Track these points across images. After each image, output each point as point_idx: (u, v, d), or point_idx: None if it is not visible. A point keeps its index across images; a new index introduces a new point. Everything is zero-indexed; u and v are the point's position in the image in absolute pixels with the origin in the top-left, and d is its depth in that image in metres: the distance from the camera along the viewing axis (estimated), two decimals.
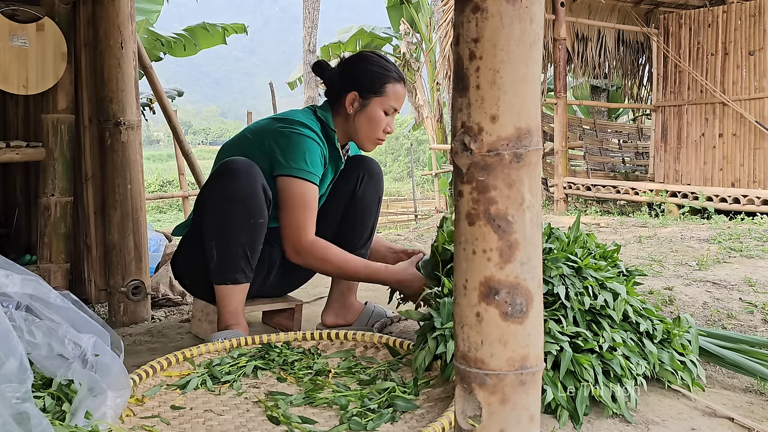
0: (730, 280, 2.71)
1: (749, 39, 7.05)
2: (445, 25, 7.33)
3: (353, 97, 2.03)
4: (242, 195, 1.85)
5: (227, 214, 1.86)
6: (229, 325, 1.92)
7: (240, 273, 1.91)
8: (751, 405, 1.54)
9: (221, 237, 1.88)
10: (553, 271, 1.58)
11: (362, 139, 2.07)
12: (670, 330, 1.62)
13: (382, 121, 2.04)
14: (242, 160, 1.90)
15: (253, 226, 1.89)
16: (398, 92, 2.06)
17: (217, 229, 1.89)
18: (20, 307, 1.29)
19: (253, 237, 1.90)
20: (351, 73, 2.06)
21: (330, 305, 2.21)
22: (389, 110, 2.04)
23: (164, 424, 1.34)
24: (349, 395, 1.45)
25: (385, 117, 2.04)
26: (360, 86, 2.03)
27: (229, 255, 1.89)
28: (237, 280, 1.91)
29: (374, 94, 2.02)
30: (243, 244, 1.89)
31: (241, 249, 1.89)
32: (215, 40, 9.63)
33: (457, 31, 0.81)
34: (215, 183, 1.90)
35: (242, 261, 1.91)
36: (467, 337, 0.83)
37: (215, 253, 1.90)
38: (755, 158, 7.05)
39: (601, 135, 8.81)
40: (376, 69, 2.04)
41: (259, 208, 1.88)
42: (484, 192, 0.80)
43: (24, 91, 2.46)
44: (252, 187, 1.86)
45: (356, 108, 2.03)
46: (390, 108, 2.04)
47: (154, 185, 21.19)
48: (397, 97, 2.05)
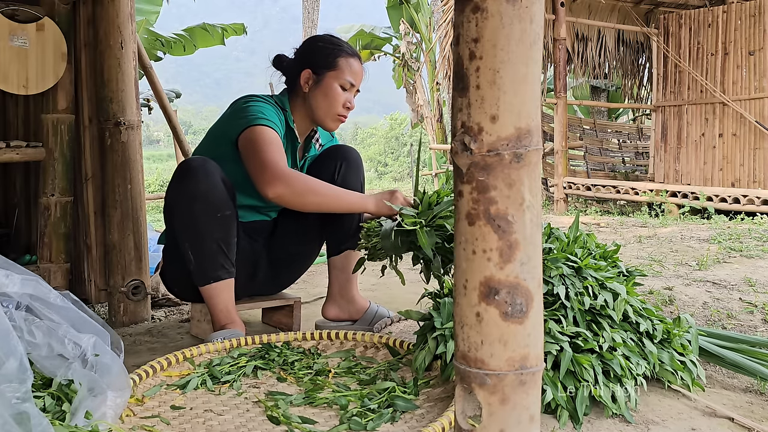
0: (730, 280, 2.71)
1: (749, 39, 7.05)
2: (445, 25, 7.33)
3: (307, 74, 2.03)
4: (202, 191, 1.85)
5: (193, 213, 1.86)
6: (224, 324, 1.92)
7: (221, 269, 1.90)
8: (751, 405, 1.54)
9: (193, 237, 1.88)
10: (553, 271, 1.58)
11: (322, 116, 2.04)
12: (670, 330, 1.62)
13: (338, 95, 2.01)
14: (196, 158, 1.91)
15: (221, 219, 1.88)
16: (353, 66, 2.03)
17: (186, 230, 1.89)
18: (20, 307, 1.29)
19: (224, 230, 1.89)
20: (303, 52, 2.08)
21: (331, 298, 2.19)
22: (345, 84, 2.01)
23: (164, 424, 1.34)
24: (349, 395, 1.45)
25: (342, 92, 2.02)
26: (312, 63, 2.03)
27: (204, 254, 1.88)
28: (219, 276, 1.90)
29: (327, 69, 2.01)
30: (216, 239, 1.88)
31: (215, 245, 1.88)
32: (214, 40, 9.63)
33: (457, 31, 0.81)
34: (175, 186, 1.90)
35: (220, 257, 1.90)
36: (467, 337, 0.83)
37: (191, 254, 1.90)
38: (755, 158, 7.05)
39: (601, 135, 8.81)
40: (327, 45, 2.05)
41: (222, 201, 1.87)
42: (484, 192, 0.80)
43: (24, 91, 2.46)
44: (210, 182, 1.86)
45: (311, 85, 2.03)
46: (346, 82, 2.01)
47: (154, 185, 21.17)
48: (353, 71, 2.03)
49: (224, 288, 1.92)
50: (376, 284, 3.05)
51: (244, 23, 10.03)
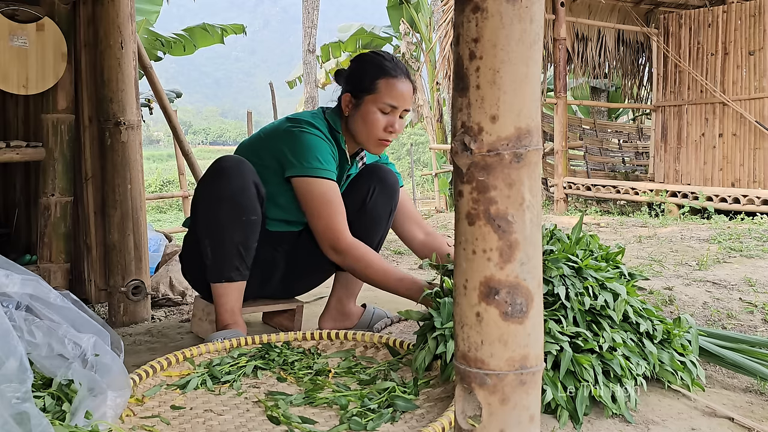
0: (730, 280, 2.71)
1: (749, 39, 7.05)
2: (445, 25, 7.33)
3: (347, 98, 2.00)
4: (232, 192, 1.85)
5: (218, 212, 1.86)
6: (227, 324, 1.92)
7: (235, 271, 1.91)
8: (751, 405, 1.54)
9: (214, 235, 1.89)
10: (553, 271, 1.58)
11: (363, 141, 2.01)
12: (670, 330, 1.62)
13: (377, 120, 1.94)
14: (232, 158, 1.90)
15: (245, 223, 1.88)
16: (394, 88, 1.94)
17: (209, 227, 1.90)
18: (20, 307, 1.29)
19: (246, 234, 1.90)
20: (347, 74, 2.04)
21: (328, 311, 2.18)
22: (385, 108, 1.94)
23: (164, 424, 1.34)
24: (349, 395, 1.45)
25: (383, 115, 1.95)
26: (352, 86, 1.99)
27: (223, 253, 1.89)
28: (232, 278, 1.91)
29: (365, 93, 1.96)
30: (236, 242, 1.89)
31: (234, 247, 1.89)
32: (214, 40, 9.64)
33: (457, 31, 0.81)
34: (206, 181, 1.91)
35: (236, 259, 1.90)
36: (467, 337, 0.83)
37: (209, 251, 1.91)
38: (755, 158, 7.05)
39: (601, 135, 8.81)
40: (369, 66, 1.98)
41: (250, 205, 1.88)
42: (484, 192, 0.80)
43: (24, 91, 2.46)
44: (242, 184, 1.86)
45: (351, 109, 1.99)
46: (385, 105, 1.93)
47: (154, 185, 21.16)
48: (393, 93, 1.94)
49: (235, 289, 1.93)
50: None
51: (243, 23, 10.04)
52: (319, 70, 14.53)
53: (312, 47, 13.60)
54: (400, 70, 1.97)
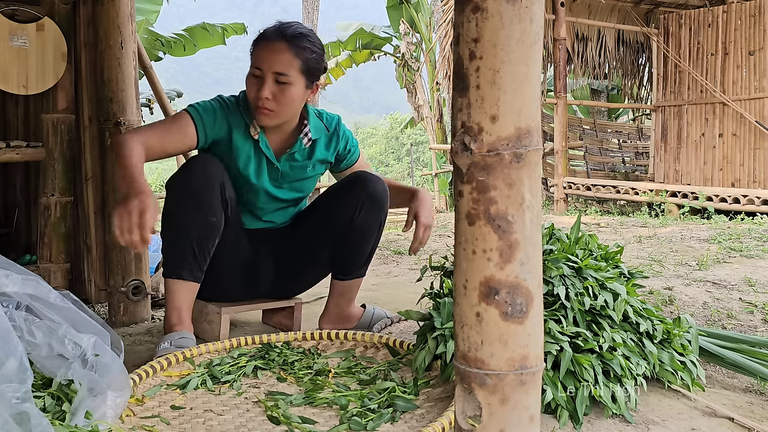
0: (730, 280, 2.71)
1: (749, 39, 7.05)
2: (445, 25, 7.33)
3: None
4: (194, 188, 1.80)
5: (177, 205, 1.81)
6: (173, 325, 1.86)
7: (185, 270, 1.84)
8: (751, 405, 1.54)
9: (170, 228, 1.83)
10: (553, 271, 1.58)
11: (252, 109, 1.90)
12: (670, 330, 1.62)
13: (249, 84, 1.86)
14: (204, 156, 1.88)
15: (202, 221, 1.81)
16: (259, 49, 1.85)
17: (167, 218, 1.84)
18: (20, 307, 1.29)
19: (202, 233, 1.82)
20: None
21: (327, 314, 2.15)
22: (254, 71, 1.84)
23: (164, 424, 1.34)
24: (349, 395, 1.45)
25: (252, 78, 1.84)
26: None
27: (176, 247, 1.83)
28: (182, 275, 1.84)
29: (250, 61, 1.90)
30: (191, 238, 1.81)
31: (189, 243, 1.81)
32: (215, 40, 9.63)
33: (457, 31, 0.81)
34: (174, 175, 1.89)
35: (189, 256, 1.83)
36: (467, 337, 0.83)
37: (165, 243, 1.86)
38: (755, 158, 7.05)
39: (601, 135, 8.81)
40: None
41: (210, 205, 1.81)
42: (484, 192, 0.80)
43: (24, 91, 2.46)
44: (205, 182, 1.81)
45: None
46: (253, 69, 1.84)
47: (154, 185, 21.17)
48: (256, 55, 1.85)
49: (183, 288, 1.86)
50: (377, 284, 3.05)
51: (244, 23, 10.03)
52: None
53: None
54: (275, 34, 1.85)
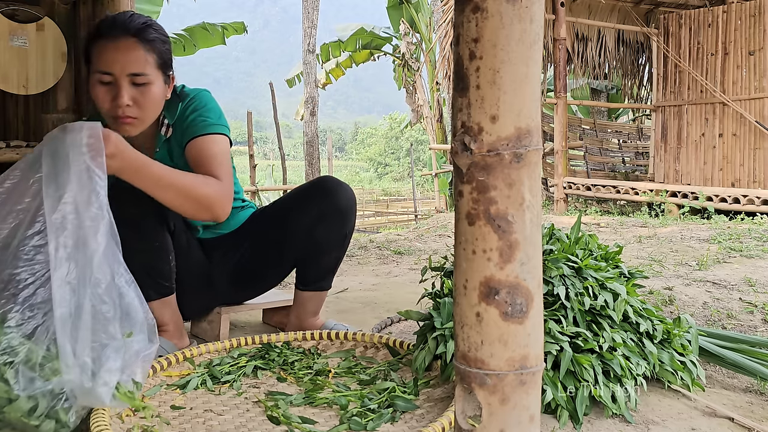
0: (730, 280, 2.71)
1: (749, 39, 7.05)
2: (445, 25, 7.33)
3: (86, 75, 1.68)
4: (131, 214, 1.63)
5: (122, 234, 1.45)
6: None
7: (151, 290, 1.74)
8: (751, 405, 1.54)
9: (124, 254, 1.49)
10: (553, 271, 1.58)
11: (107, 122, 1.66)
12: (670, 330, 1.62)
13: (98, 92, 1.60)
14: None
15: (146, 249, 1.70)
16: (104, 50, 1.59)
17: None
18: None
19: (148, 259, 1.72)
20: None
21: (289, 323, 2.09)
22: (101, 77, 1.59)
23: (164, 424, 1.34)
24: (349, 395, 1.45)
25: (102, 86, 1.59)
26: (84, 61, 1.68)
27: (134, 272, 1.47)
28: (150, 296, 1.69)
29: (88, 63, 1.64)
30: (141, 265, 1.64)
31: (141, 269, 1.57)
32: (215, 40, 9.64)
33: (457, 31, 0.81)
34: None
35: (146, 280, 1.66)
36: (467, 337, 0.83)
37: None
38: (755, 158, 7.05)
39: (601, 135, 8.81)
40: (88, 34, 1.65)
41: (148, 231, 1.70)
42: (484, 192, 0.80)
43: (24, 91, 2.46)
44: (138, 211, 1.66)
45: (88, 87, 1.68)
46: (100, 74, 1.59)
47: None
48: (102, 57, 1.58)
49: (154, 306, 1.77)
50: (377, 284, 3.05)
51: (244, 22, 10.03)
52: (319, 70, 14.54)
53: (312, 47, 13.60)
54: (117, 28, 1.60)
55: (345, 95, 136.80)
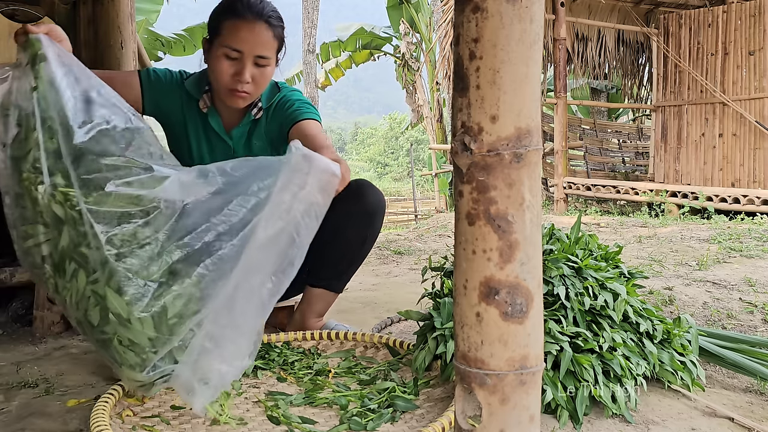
0: (730, 280, 2.71)
1: (749, 39, 7.05)
2: (445, 25, 7.33)
3: (204, 43, 1.81)
4: None
5: None
6: None
7: None
8: (751, 405, 1.54)
9: None
10: (553, 271, 1.58)
11: (216, 90, 1.79)
12: (670, 330, 1.62)
13: (222, 64, 1.71)
14: None
15: None
16: (239, 29, 1.69)
17: None
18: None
19: None
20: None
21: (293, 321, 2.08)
22: (229, 52, 1.70)
23: (164, 424, 1.34)
24: (349, 395, 1.45)
25: (229, 61, 1.71)
26: (208, 29, 1.80)
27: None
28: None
29: (215, 35, 1.74)
30: None
31: None
32: None
33: (457, 31, 0.81)
34: None
35: None
36: (467, 337, 0.83)
37: None
38: (755, 158, 7.05)
39: (601, 135, 8.81)
40: (219, 6, 1.77)
41: None
42: (484, 192, 0.80)
43: None
44: None
45: (205, 55, 1.80)
46: (229, 49, 1.70)
47: None
48: (236, 35, 1.69)
49: None
50: (377, 284, 3.05)
51: None
52: (319, 69, 14.54)
53: (312, 47, 13.61)
54: (252, 11, 1.72)
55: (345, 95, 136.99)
